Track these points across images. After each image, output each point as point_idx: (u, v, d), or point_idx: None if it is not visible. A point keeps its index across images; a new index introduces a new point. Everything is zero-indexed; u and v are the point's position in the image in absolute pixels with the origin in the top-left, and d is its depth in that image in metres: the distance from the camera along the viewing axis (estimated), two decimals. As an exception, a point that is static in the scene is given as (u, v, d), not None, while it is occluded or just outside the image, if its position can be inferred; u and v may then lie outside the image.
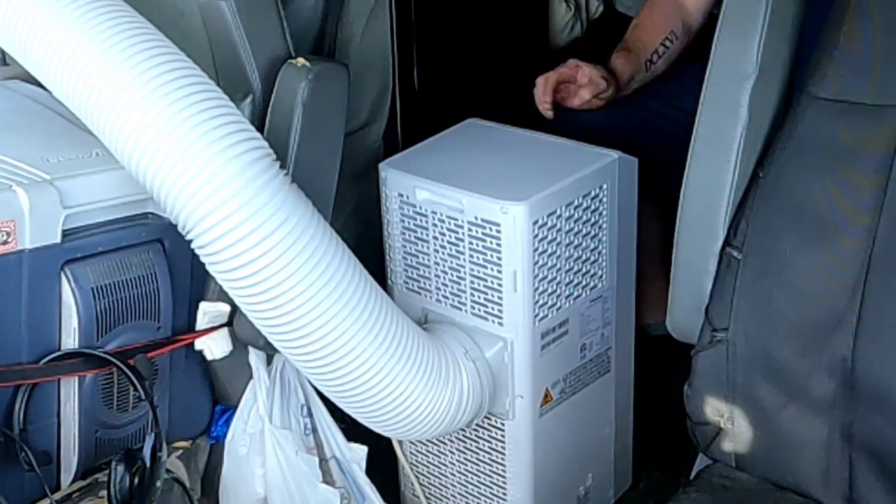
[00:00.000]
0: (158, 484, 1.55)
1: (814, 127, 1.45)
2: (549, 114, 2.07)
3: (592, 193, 1.79)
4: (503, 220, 1.69)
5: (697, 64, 1.96)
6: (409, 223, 1.81)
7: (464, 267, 1.76)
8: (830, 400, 1.42)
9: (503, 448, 1.86)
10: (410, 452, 2.02)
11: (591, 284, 1.85)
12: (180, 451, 1.78)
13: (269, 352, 1.74)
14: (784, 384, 1.46)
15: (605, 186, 1.80)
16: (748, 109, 1.45)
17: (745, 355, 1.48)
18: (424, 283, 1.84)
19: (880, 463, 1.40)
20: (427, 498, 2.02)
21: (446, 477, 1.98)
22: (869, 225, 1.40)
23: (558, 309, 1.79)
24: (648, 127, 2.14)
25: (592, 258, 1.83)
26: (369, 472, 1.88)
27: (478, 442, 1.90)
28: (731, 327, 1.49)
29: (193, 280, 1.67)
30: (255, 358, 1.76)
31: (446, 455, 1.96)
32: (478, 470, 1.92)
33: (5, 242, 1.47)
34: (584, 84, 2.04)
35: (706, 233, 1.51)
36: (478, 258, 1.74)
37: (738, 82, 1.45)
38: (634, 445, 2.09)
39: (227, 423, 1.80)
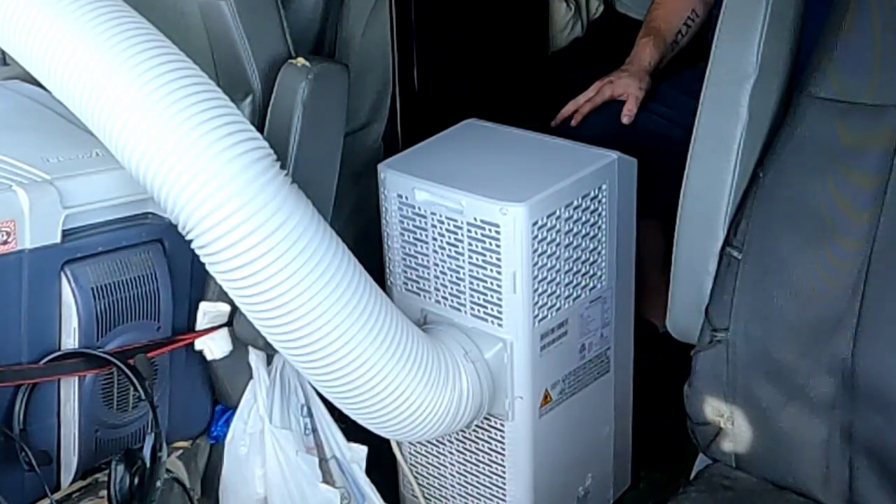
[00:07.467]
0: (158, 484, 1.55)
1: (814, 127, 1.45)
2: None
3: (592, 194, 1.79)
4: (503, 221, 1.68)
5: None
6: (408, 224, 1.81)
7: (463, 268, 1.76)
8: (830, 400, 1.42)
9: (503, 449, 1.86)
10: (410, 453, 2.02)
11: (591, 285, 1.85)
12: (180, 451, 1.78)
13: (269, 352, 1.74)
14: (784, 384, 1.46)
15: (604, 187, 1.80)
16: (748, 109, 1.46)
17: (745, 355, 1.48)
18: (424, 283, 1.83)
19: (880, 463, 1.40)
20: (426, 499, 2.02)
21: (446, 478, 1.98)
22: (869, 225, 1.40)
23: (558, 310, 1.79)
24: (648, 134, 2.15)
25: (592, 258, 1.83)
26: (369, 472, 1.88)
27: (477, 443, 1.89)
28: (731, 327, 1.49)
29: (193, 280, 1.67)
30: (255, 358, 1.76)
31: (446, 456, 1.96)
32: (477, 471, 1.92)
33: (5, 242, 1.47)
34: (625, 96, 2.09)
35: (706, 233, 1.51)
36: (477, 259, 1.74)
37: (738, 82, 1.45)
38: (634, 445, 2.09)
39: (227, 423, 1.80)
